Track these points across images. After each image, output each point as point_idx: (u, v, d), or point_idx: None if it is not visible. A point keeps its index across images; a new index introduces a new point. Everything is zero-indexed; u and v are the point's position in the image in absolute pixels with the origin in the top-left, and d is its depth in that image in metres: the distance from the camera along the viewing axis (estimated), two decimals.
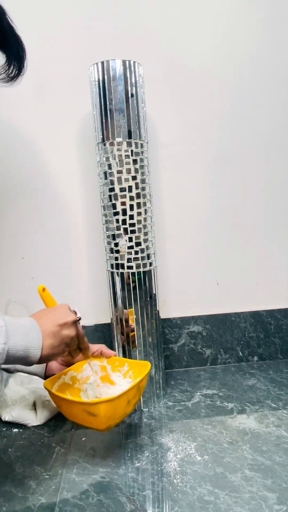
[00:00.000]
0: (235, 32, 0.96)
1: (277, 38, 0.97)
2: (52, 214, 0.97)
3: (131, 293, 0.80)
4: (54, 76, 0.93)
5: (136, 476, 0.63)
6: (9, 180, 0.95)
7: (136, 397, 0.64)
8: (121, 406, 0.60)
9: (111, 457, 0.68)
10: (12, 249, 0.97)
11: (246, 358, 1.05)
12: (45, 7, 0.91)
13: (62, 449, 0.71)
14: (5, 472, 0.66)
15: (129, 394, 0.61)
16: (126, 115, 0.76)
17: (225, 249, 1.03)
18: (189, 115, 0.97)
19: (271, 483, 0.60)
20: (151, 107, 0.92)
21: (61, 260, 0.98)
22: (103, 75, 0.75)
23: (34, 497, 0.59)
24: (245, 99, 0.98)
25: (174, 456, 0.67)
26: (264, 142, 1.00)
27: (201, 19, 0.94)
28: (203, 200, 1.00)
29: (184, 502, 0.57)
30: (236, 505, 0.55)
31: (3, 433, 0.77)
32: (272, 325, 1.04)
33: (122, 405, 0.61)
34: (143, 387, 0.67)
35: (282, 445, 0.69)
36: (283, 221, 1.03)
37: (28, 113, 0.93)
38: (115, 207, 0.79)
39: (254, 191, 1.02)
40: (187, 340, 1.02)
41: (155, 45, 0.94)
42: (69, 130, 0.95)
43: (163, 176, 0.98)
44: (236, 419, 0.78)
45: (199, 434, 0.73)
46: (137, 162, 0.78)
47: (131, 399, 0.62)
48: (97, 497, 0.59)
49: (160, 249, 0.99)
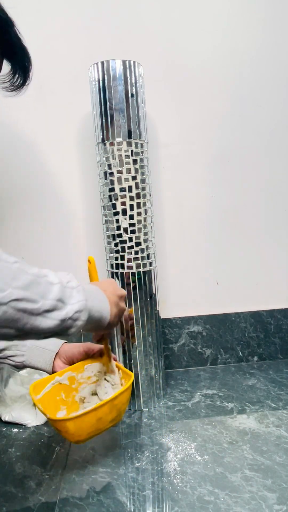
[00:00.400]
0: (235, 32, 0.96)
1: (277, 38, 0.97)
2: (52, 214, 0.97)
3: (131, 293, 0.80)
4: (54, 76, 0.93)
5: (136, 476, 0.63)
6: (9, 180, 0.95)
7: (113, 414, 0.58)
8: (89, 422, 0.55)
9: (111, 457, 0.68)
10: (12, 249, 0.97)
11: (246, 358, 1.05)
12: (45, 7, 0.91)
13: (62, 449, 0.71)
14: (5, 472, 0.66)
15: (99, 411, 0.55)
16: (126, 115, 0.76)
17: (225, 249, 1.03)
18: (189, 115, 0.97)
19: (271, 483, 0.60)
20: (151, 107, 0.92)
21: (61, 260, 0.98)
22: (103, 75, 0.75)
23: (34, 497, 0.59)
24: (245, 99, 0.98)
25: (174, 456, 0.67)
26: (264, 142, 1.00)
27: (201, 19, 0.94)
28: (203, 200, 1.00)
29: (184, 502, 0.57)
30: (236, 505, 0.55)
31: (3, 433, 0.77)
32: (272, 325, 1.04)
33: (91, 422, 0.55)
34: (122, 402, 0.60)
35: (282, 445, 0.69)
36: (283, 221, 1.03)
37: (28, 113, 0.93)
38: (115, 207, 0.79)
39: (254, 191, 1.02)
40: (187, 340, 1.02)
41: (155, 45, 0.94)
42: (69, 130, 0.95)
43: (163, 176, 0.98)
44: (236, 419, 0.78)
45: (199, 434, 0.73)
46: (137, 162, 0.78)
47: (102, 416, 0.57)
48: (97, 497, 0.59)
49: (160, 249, 0.99)
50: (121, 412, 0.61)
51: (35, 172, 0.95)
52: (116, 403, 0.58)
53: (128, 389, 0.60)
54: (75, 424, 0.54)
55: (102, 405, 0.55)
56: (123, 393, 0.59)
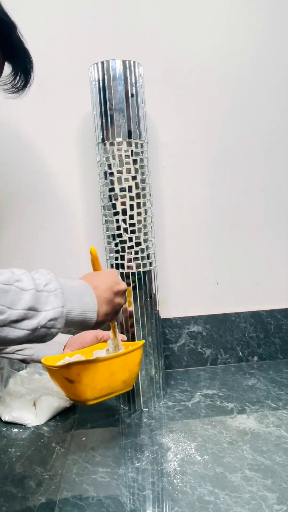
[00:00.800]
0: (235, 32, 0.96)
1: (277, 38, 0.97)
2: (52, 214, 0.97)
3: (131, 293, 0.80)
4: (54, 76, 0.93)
5: (136, 476, 0.63)
6: (9, 180, 0.95)
7: (125, 373, 0.59)
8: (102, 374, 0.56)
9: (111, 457, 0.68)
10: (12, 249, 0.97)
11: (246, 358, 1.05)
12: (45, 7, 0.91)
13: (62, 449, 0.71)
14: (5, 472, 0.66)
15: (112, 364, 0.56)
16: (126, 115, 0.76)
17: (225, 249, 1.03)
18: (189, 115, 0.97)
19: (271, 483, 0.60)
20: (151, 107, 0.92)
21: (61, 260, 0.98)
22: (103, 75, 0.75)
23: (34, 497, 0.59)
24: (245, 99, 0.98)
25: (174, 456, 0.67)
26: (264, 142, 1.00)
27: (201, 19, 0.94)
28: (203, 200, 1.00)
29: (184, 502, 0.57)
30: (236, 505, 0.55)
31: (3, 433, 0.77)
32: (272, 325, 1.04)
33: (104, 374, 0.56)
34: (134, 363, 0.61)
35: (282, 445, 0.69)
36: (283, 221, 1.03)
37: (28, 113, 0.93)
38: (115, 207, 0.79)
39: (254, 191, 1.02)
40: (187, 340, 1.02)
41: (155, 45, 0.94)
42: (69, 130, 0.95)
43: (163, 176, 0.98)
44: (236, 419, 0.78)
45: (199, 434, 0.73)
46: (137, 162, 0.78)
47: (115, 371, 0.57)
48: (97, 497, 0.59)
49: (160, 249, 0.99)
50: (132, 375, 0.61)
51: (35, 172, 0.95)
52: (128, 362, 0.59)
53: (139, 349, 0.61)
54: (88, 373, 0.53)
55: (115, 357, 0.57)
56: (135, 351, 0.60)
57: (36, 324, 0.41)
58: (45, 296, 0.42)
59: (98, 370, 0.55)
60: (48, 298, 0.42)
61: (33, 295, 0.41)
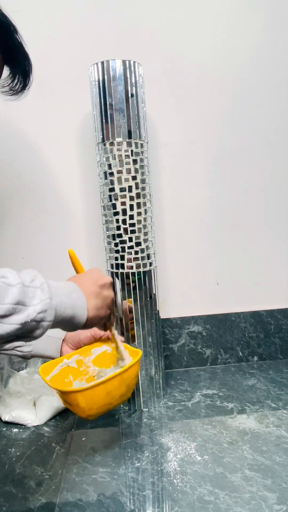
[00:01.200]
0: (235, 32, 0.96)
1: (277, 38, 0.97)
2: (52, 214, 0.97)
3: (131, 293, 0.80)
4: (54, 76, 0.93)
5: (136, 476, 0.63)
6: (9, 180, 0.95)
7: (122, 389, 0.59)
8: (99, 396, 0.56)
9: (111, 457, 0.68)
10: (12, 249, 0.97)
11: (246, 358, 1.05)
12: (45, 7, 0.91)
13: (62, 449, 0.71)
14: (5, 472, 0.66)
15: (109, 384, 0.57)
16: (126, 115, 0.76)
17: (225, 249, 1.03)
18: (189, 115, 0.97)
19: (271, 483, 0.60)
20: (151, 107, 0.92)
21: (61, 260, 0.98)
22: (103, 75, 0.75)
23: (34, 497, 0.59)
24: (245, 99, 0.98)
25: (174, 456, 0.67)
26: (264, 142, 1.00)
27: (201, 19, 0.94)
28: (203, 200, 1.00)
29: (184, 502, 0.57)
30: (236, 505, 0.55)
31: (3, 433, 0.77)
32: (272, 325, 1.04)
33: (101, 395, 0.56)
34: (131, 378, 0.61)
35: (282, 445, 0.69)
36: (283, 221, 1.03)
37: (28, 113, 0.93)
38: (115, 207, 0.79)
39: (254, 191, 1.02)
40: (187, 340, 1.02)
41: (155, 45, 0.94)
42: (69, 130, 0.95)
43: (163, 176, 0.98)
44: (236, 419, 0.78)
45: (199, 434, 0.73)
46: (137, 162, 0.78)
47: (112, 390, 0.58)
48: (97, 497, 0.59)
49: (160, 249, 0.99)
50: (130, 387, 0.61)
51: (35, 172, 0.95)
52: (125, 378, 0.59)
53: (136, 363, 0.61)
54: (85, 397, 0.54)
55: (111, 378, 0.56)
56: (131, 367, 0.60)
57: (25, 318, 0.40)
58: (32, 291, 0.42)
59: (96, 393, 0.56)
60: (35, 293, 0.42)
61: (20, 289, 0.41)
